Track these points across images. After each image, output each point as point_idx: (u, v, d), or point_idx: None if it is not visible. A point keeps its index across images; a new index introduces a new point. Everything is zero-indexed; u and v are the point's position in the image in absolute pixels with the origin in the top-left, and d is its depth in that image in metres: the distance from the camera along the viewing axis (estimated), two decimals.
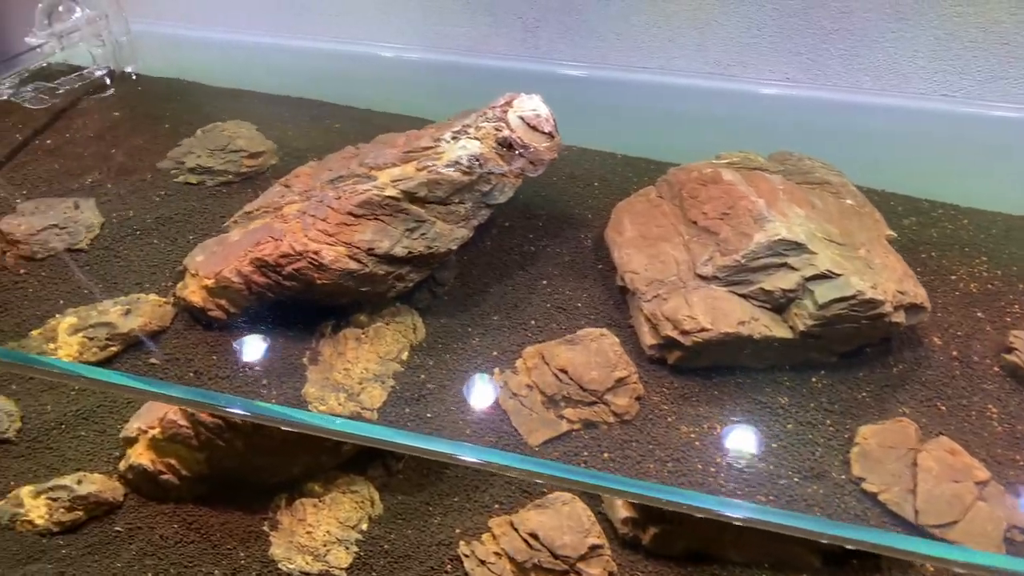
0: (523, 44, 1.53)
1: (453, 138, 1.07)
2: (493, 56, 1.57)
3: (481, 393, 1.00)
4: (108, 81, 1.69)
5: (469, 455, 0.81)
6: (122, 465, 1.11)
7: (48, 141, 1.49)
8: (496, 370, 1.02)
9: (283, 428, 0.94)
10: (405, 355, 1.04)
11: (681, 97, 1.49)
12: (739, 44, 1.43)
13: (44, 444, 1.18)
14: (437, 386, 1.01)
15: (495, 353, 1.05)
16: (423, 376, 1.02)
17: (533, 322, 1.09)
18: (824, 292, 0.94)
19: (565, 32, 1.48)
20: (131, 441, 1.09)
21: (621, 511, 1.00)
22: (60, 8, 1.60)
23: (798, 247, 0.97)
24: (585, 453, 0.95)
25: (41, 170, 1.41)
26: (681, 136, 1.42)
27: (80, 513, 1.10)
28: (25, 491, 1.13)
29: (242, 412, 0.92)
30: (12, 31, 1.97)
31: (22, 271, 1.18)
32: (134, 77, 1.72)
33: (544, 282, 1.15)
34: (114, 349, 1.04)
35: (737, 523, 0.82)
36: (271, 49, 1.76)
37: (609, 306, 1.11)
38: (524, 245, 1.22)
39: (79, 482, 1.11)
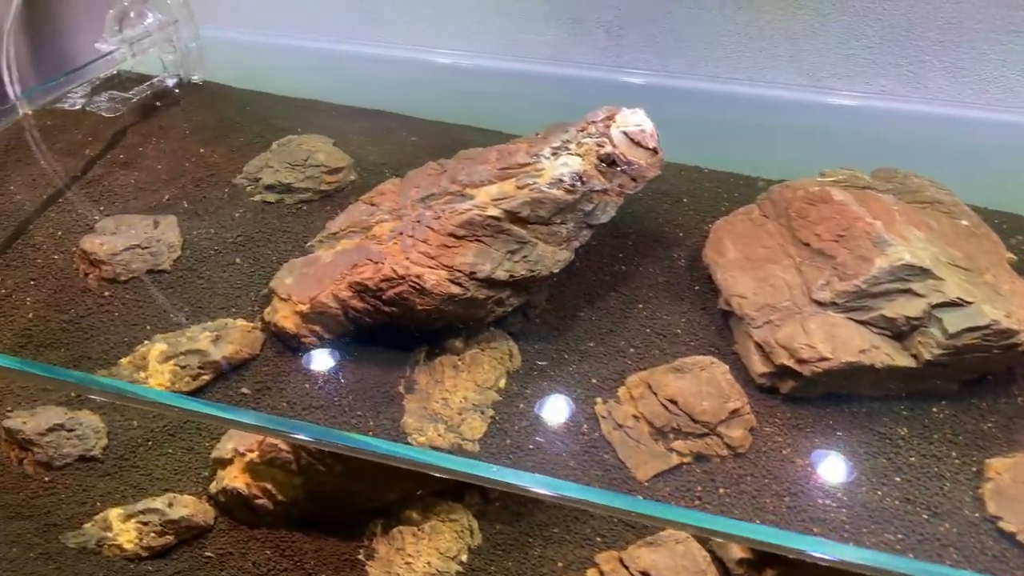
0: (605, 53, 1.48)
1: (553, 154, 1.04)
2: (573, 65, 1.53)
3: (583, 424, 0.97)
4: (177, 90, 1.68)
5: (592, 498, 0.78)
6: (213, 487, 1.09)
7: (121, 155, 1.48)
8: (598, 399, 0.99)
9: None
10: (502, 383, 1.01)
11: (770, 109, 1.44)
12: (836, 55, 1.38)
13: (131, 462, 1.17)
14: (537, 416, 0.98)
15: (594, 381, 1.01)
16: (522, 405, 0.98)
17: (632, 349, 1.05)
18: (955, 321, 0.90)
19: (650, 40, 1.43)
20: (224, 462, 1.07)
21: (735, 551, 0.97)
22: (131, 14, 1.58)
23: (923, 272, 0.92)
24: (699, 488, 0.91)
25: (116, 185, 1.39)
26: (770, 150, 1.37)
27: (171, 537, 1.09)
28: (114, 514, 1.11)
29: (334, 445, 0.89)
30: (76, 37, 1.96)
31: (106, 293, 1.16)
32: (202, 85, 1.70)
33: (639, 305, 1.11)
34: (206, 378, 1.02)
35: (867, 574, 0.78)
36: (341, 56, 1.73)
37: (711, 331, 1.07)
38: (615, 265, 1.18)
39: (170, 505, 1.09)
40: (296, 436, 0.89)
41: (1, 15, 2.01)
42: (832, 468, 0.92)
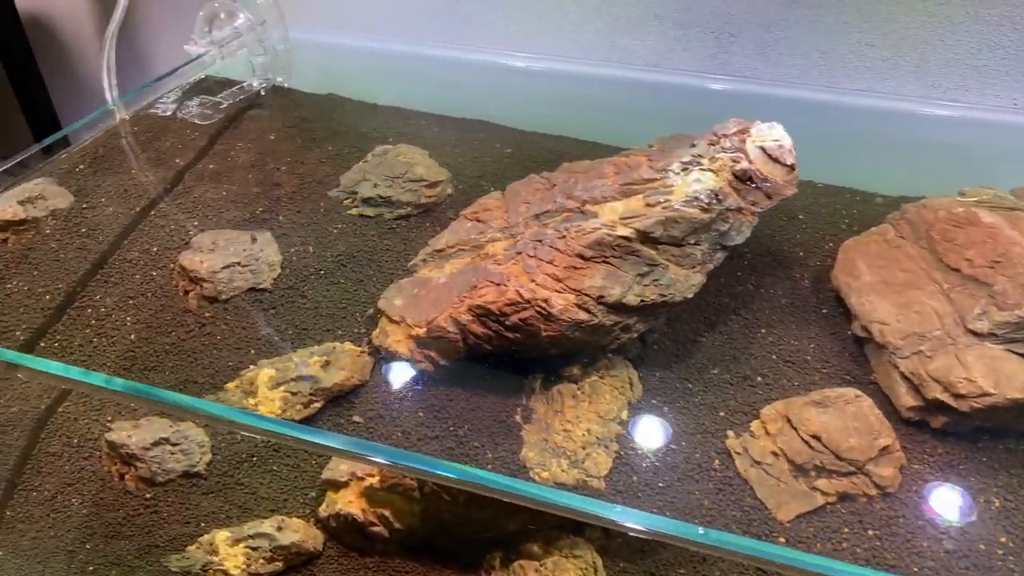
0: (713, 60, 1.42)
1: (683, 169, 0.98)
2: (677, 72, 1.47)
3: (715, 459, 0.91)
4: (264, 94, 1.64)
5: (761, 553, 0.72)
6: (323, 510, 1.05)
7: (211, 165, 1.45)
8: (730, 433, 0.94)
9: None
10: (624, 414, 0.96)
11: (889, 121, 1.36)
12: (965, 66, 1.31)
13: (235, 479, 1.13)
14: (664, 450, 0.93)
15: (722, 413, 0.96)
16: (647, 439, 0.93)
17: (760, 377, 1.00)
18: None
19: (762, 48, 1.37)
20: (337, 485, 1.03)
21: None
22: (221, 15, 1.54)
23: None
24: (846, 530, 0.86)
25: (208, 197, 1.37)
26: (888, 164, 1.30)
27: (279, 564, 1.05)
28: (221, 537, 1.09)
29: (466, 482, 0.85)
30: (156, 38, 1.94)
31: (207, 314, 1.14)
32: (291, 90, 1.66)
33: (763, 330, 1.06)
34: (317, 405, 0.99)
35: None
36: (431, 60, 1.68)
37: (844, 358, 1.01)
38: (734, 286, 1.12)
39: (279, 528, 1.05)
40: (425, 470, 0.85)
41: (86, 19, 2.01)
42: (993, 510, 0.85)
